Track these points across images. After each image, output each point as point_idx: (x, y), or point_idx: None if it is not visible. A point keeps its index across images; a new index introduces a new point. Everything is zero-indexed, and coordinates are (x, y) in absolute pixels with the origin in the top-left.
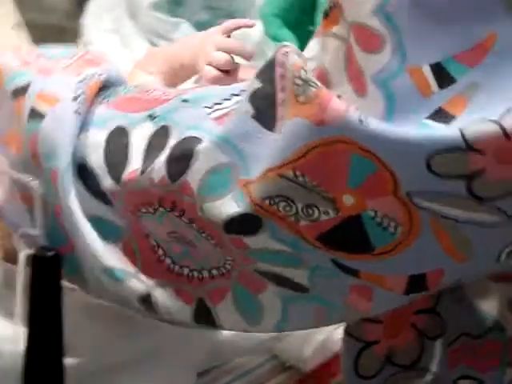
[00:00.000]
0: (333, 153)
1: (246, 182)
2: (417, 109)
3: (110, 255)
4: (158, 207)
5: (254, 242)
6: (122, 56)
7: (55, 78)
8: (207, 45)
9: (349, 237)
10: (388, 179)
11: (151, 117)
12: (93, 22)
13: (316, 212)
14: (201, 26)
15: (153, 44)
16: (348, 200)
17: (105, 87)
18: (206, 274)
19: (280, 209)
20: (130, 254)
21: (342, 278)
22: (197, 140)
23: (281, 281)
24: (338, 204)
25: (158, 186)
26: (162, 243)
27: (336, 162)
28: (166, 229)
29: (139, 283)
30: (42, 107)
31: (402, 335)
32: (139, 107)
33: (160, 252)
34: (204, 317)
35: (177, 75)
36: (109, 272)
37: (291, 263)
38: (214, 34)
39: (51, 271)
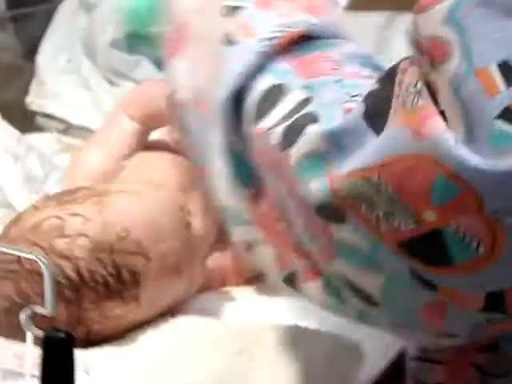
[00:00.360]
0: (420, 169)
1: (335, 176)
2: (486, 110)
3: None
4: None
5: (339, 231)
6: (81, 98)
7: (264, 13)
8: None
9: (429, 248)
10: (473, 199)
11: (307, 87)
12: (47, 61)
13: (396, 221)
14: (161, 62)
15: (112, 84)
16: (430, 216)
17: (308, 38)
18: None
19: (362, 209)
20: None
21: (417, 290)
22: (315, 120)
23: (353, 289)
24: (419, 218)
25: (270, 149)
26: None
27: (421, 179)
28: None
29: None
30: (237, 37)
31: (464, 376)
32: (311, 73)
33: (284, 225)
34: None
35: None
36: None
37: (368, 265)
38: None
39: (64, 353)
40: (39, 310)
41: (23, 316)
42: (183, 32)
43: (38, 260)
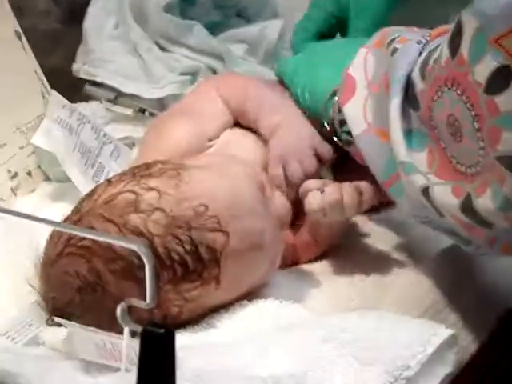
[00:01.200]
0: None
1: (496, 38)
2: None
3: (406, 154)
4: (443, 89)
5: (504, 102)
6: (131, 65)
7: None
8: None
9: None
10: None
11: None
12: (94, 26)
13: None
14: (213, 27)
15: (163, 50)
16: None
17: None
18: (473, 170)
19: None
20: (431, 160)
21: None
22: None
23: None
24: None
25: (443, 68)
26: (447, 143)
27: None
28: (445, 111)
29: (422, 178)
30: (397, 45)
31: None
32: None
33: (448, 153)
34: (468, 208)
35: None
36: (401, 165)
37: None
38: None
39: (165, 347)
40: (136, 303)
41: (119, 310)
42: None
43: (139, 251)
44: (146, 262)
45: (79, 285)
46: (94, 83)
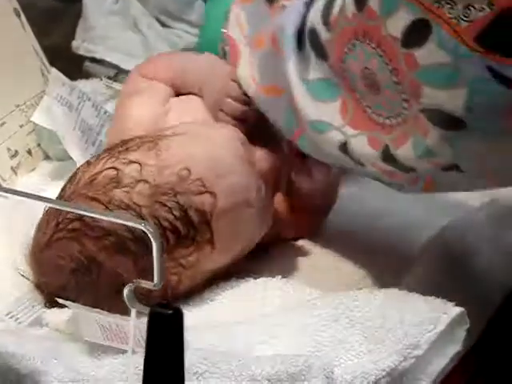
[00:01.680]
0: None
1: None
2: None
3: (315, 112)
4: (354, 42)
5: (423, 55)
6: (131, 41)
7: None
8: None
9: (504, 36)
10: None
11: None
12: (93, 2)
13: (473, 11)
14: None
15: (165, 26)
16: None
17: None
18: (393, 121)
19: (445, 11)
20: (344, 110)
21: (497, 93)
22: None
23: (443, 119)
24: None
25: (351, 20)
26: (362, 94)
27: None
28: (360, 64)
29: (338, 133)
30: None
31: None
32: None
33: (363, 103)
34: (388, 157)
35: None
36: (312, 124)
37: (450, 80)
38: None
39: (173, 328)
40: (144, 284)
41: (126, 291)
42: None
43: (145, 230)
44: (153, 240)
45: (73, 267)
46: (94, 60)
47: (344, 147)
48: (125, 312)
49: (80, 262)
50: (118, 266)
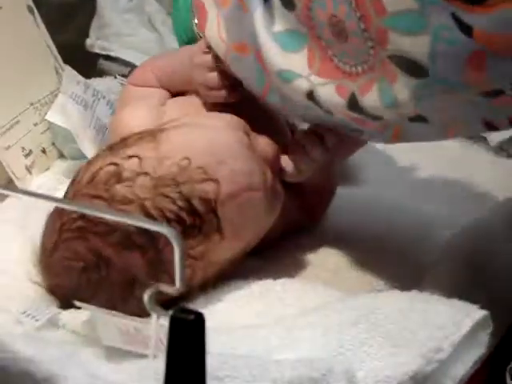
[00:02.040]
0: None
1: None
2: None
3: (282, 61)
4: None
5: (391, 2)
6: (146, 39)
7: None
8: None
9: None
10: None
11: None
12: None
13: None
14: None
15: None
16: None
17: None
18: (359, 68)
19: None
20: (311, 59)
21: (459, 42)
22: None
23: (408, 67)
24: None
25: None
26: (329, 42)
27: None
28: (328, 12)
29: (305, 82)
30: None
31: None
32: None
33: (330, 52)
34: (355, 106)
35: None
36: (280, 74)
37: (416, 27)
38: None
39: (196, 334)
40: (165, 288)
41: (146, 296)
42: None
43: (167, 233)
44: (175, 245)
45: (82, 266)
46: (108, 58)
47: (311, 95)
48: (140, 309)
49: (89, 260)
50: (127, 260)
